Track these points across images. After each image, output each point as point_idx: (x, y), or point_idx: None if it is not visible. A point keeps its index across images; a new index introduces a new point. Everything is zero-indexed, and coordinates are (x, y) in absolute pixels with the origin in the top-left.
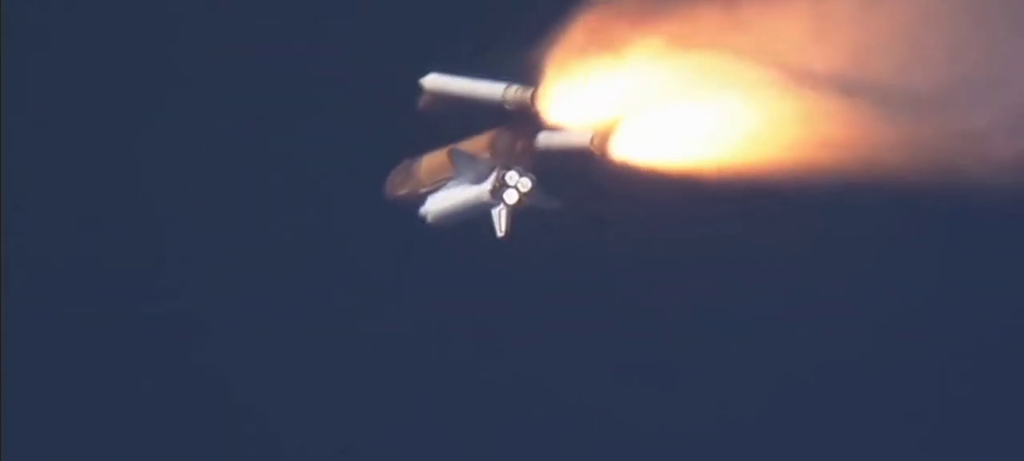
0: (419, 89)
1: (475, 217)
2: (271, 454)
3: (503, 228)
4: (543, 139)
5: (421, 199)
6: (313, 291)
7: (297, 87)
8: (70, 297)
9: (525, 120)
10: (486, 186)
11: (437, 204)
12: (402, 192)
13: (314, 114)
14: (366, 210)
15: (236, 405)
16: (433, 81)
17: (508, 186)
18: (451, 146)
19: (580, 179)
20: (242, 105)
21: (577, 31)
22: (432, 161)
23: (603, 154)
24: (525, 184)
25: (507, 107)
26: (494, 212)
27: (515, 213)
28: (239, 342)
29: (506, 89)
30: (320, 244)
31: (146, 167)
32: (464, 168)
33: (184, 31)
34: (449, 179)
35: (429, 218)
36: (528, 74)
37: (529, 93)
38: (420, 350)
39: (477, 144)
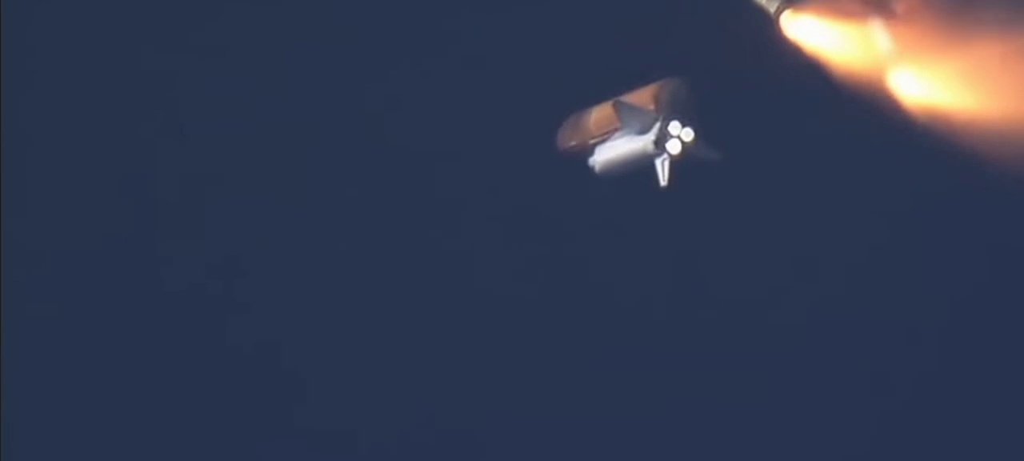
0: None
1: (640, 166)
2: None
3: (666, 177)
4: None
5: (590, 150)
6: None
7: None
8: (70, 297)
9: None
10: (650, 136)
11: (605, 154)
12: (573, 144)
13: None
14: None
15: (236, 404)
16: None
17: (671, 136)
18: (616, 99)
19: None
20: (242, 104)
21: None
22: (600, 114)
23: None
24: (688, 134)
25: (752, 4)
26: (657, 162)
27: (678, 162)
28: (239, 341)
29: None
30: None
31: (146, 167)
32: (629, 119)
33: (185, 30)
34: (616, 130)
35: (597, 168)
36: None
37: (776, 5)
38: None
39: (642, 96)
